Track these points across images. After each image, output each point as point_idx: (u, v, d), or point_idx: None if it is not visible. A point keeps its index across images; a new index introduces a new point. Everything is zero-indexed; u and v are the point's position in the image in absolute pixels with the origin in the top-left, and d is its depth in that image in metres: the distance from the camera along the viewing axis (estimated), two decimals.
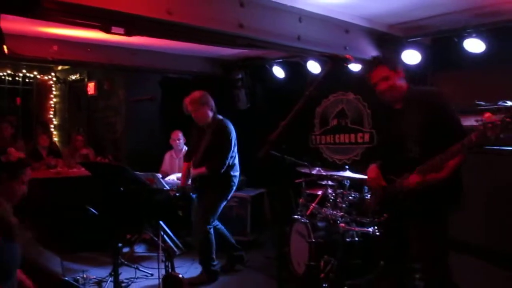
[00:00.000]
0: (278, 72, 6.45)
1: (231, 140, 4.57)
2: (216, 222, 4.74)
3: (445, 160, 2.60)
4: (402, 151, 2.88)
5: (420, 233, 2.81)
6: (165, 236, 5.34)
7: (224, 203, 4.68)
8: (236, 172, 4.70)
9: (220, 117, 4.68)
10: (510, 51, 4.17)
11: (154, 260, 4.56)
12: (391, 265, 3.15)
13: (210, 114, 4.56)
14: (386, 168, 3.09)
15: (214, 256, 4.58)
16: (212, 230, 4.54)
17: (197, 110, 4.50)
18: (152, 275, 4.69)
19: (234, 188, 4.72)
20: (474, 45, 4.32)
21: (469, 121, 3.31)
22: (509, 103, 3.28)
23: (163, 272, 3.72)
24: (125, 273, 4.64)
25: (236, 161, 4.72)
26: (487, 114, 2.27)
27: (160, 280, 3.73)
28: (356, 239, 4.36)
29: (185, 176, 4.80)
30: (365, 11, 4.42)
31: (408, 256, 2.98)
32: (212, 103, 4.59)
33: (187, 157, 4.95)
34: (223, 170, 4.51)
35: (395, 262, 3.10)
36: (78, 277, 4.51)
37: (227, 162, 4.51)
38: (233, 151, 4.62)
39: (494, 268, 3.14)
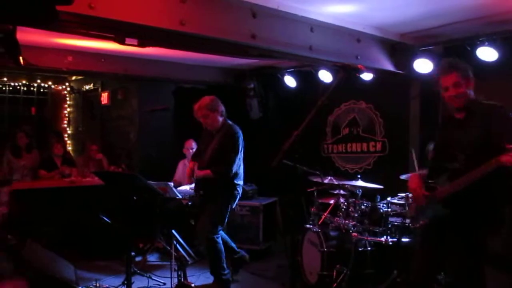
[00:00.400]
0: (290, 81, 6.48)
1: (239, 146, 4.53)
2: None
3: (475, 176, 2.58)
4: (451, 160, 2.84)
5: (457, 245, 2.78)
6: (177, 245, 5.35)
7: (229, 212, 4.63)
8: (240, 181, 4.65)
9: (230, 122, 4.66)
10: None
11: (167, 269, 4.58)
12: (419, 274, 3.07)
13: (220, 119, 4.56)
14: (431, 175, 3.04)
15: (224, 265, 4.54)
16: (219, 239, 4.52)
17: (207, 116, 4.50)
18: (164, 284, 4.70)
19: (239, 197, 4.67)
20: (487, 54, 4.30)
21: None
22: None
23: (175, 281, 3.74)
24: (138, 282, 4.65)
25: (241, 170, 4.67)
26: None
27: None
28: (369, 248, 4.34)
29: (190, 175, 4.75)
30: (377, 20, 4.43)
31: (438, 267, 2.94)
32: (222, 108, 4.58)
33: (194, 156, 4.91)
34: (229, 175, 4.47)
35: (423, 271, 3.03)
36: (91, 286, 4.53)
37: (233, 168, 4.48)
38: (239, 158, 4.57)
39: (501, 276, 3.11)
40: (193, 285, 3.75)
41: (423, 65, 4.75)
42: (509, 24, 4.14)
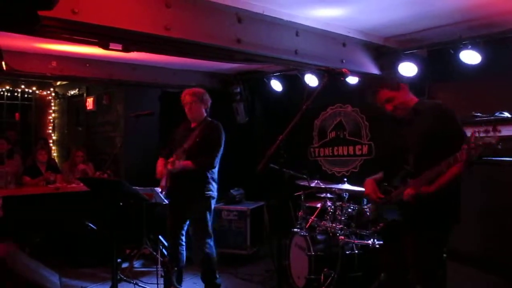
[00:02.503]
0: (276, 85, 6.49)
1: (222, 141, 4.33)
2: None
3: (439, 172, 2.61)
4: (402, 162, 2.88)
5: (415, 242, 2.81)
6: (164, 251, 5.31)
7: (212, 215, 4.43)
8: (215, 183, 4.39)
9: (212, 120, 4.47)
10: (506, 62, 4.21)
11: (154, 275, 4.54)
12: (391, 275, 3.13)
13: (204, 113, 4.42)
14: (386, 178, 3.09)
15: (216, 271, 4.48)
16: (212, 242, 4.44)
17: (195, 103, 4.32)
18: None
19: (216, 196, 4.42)
20: (470, 57, 4.35)
21: (466, 132, 3.35)
22: (505, 114, 3.30)
23: (162, 287, 3.70)
24: None
25: (216, 170, 4.41)
26: (472, 136, 2.32)
27: None
28: (356, 251, 4.36)
29: (168, 176, 4.30)
30: (362, 24, 4.46)
31: (404, 264, 2.97)
32: (209, 104, 4.46)
33: (164, 153, 4.48)
34: (212, 167, 4.27)
35: (394, 272, 3.08)
36: None
37: (216, 163, 4.29)
38: (220, 156, 4.35)
39: (490, 276, 3.14)
40: None
41: (407, 69, 4.79)
42: (492, 27, 4.19)
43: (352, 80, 5.40)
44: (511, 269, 2.98)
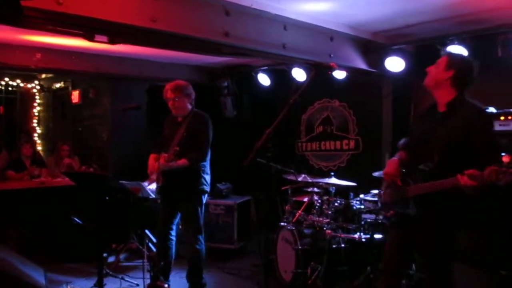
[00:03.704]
0: (264, 79, 6.48)
1: (210, 131, 4.26)
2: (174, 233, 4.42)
3: (436, 188, 2.57)
4: (426, 158, 2.77)
5: (425, 240, 2.77)
6: (150, 245, 5.29)
7: (204, 211, 4.39)
8: (208, 176, 4.35)
9: (198, 110, 4.39)
10: (492, 58, 4.24)
11: (140, 269, 4.51)
12: (390, 263, 3.06)
13: (189, 106, 4.32)
14: (410, 165, 2.93)
15: (203, 268, 4.40)
16: (203, 239, 4.35)
17: (178, 98, 4.21)
18: (137, 285, 4.63)
19: (209, 190, 4.40)
20: (457, 52, 4.37)
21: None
22: (491, 110, 3.32)
23: (148, 281, 3.68)
24: (111, 284, 4.57)
25: (208, 164, 4.36)
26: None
27: None
28: (343, 245, 4.38)
29: (159, 172, 4.19)
30: (350, 19, 4.46)
31: (406, 258, 2.95)
32: (193, 96, 4.35)
33: (156, 148, 4.39)
34: (204, 161, 4.23)
35: (393, 261, 3.03)
36: None
37: (207, 155, 4.24)
38: (210, 146, 4.29)
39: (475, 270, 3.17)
40: (166, 285, 3.69)
41: (395, 64, 4.81)
42: (478, 23, 4.23)
43: (340, 74, 5.40)
44: (496, 263, 3.01)
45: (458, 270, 3.26)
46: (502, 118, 3.09)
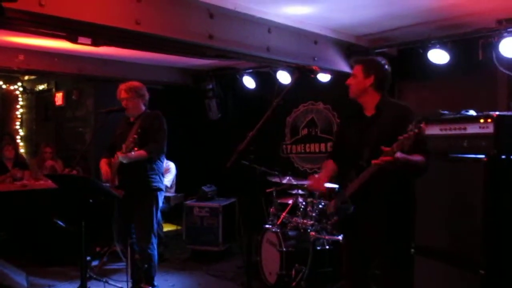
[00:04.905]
0: (249, 82, 6.50)
1: (165, 126, 4.22)
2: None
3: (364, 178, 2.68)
4: (357, 157, 2.82)
5: (369, 232, 2.81)
6: (135, 247, 5.25)
7: (159, 213, 4.36)
8: (162, 176, 4.32)
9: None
10: (473, 62, 4.32)
11: (124, 273, 4.49)
12: (349, 268, 3.10)
13: (143, 107, 4.31)
14: (341, 174, 3.06)
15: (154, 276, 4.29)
16: (156, 244, 4.26)
17: (132, 99, 4.22)
18: None
19: (164, 189, 4.36)
20: (438, 56, 4.46)
21: (433, 130, 3.42)
22: (471, 112, 3.38)
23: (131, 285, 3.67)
24: (94, 287, 4.54)
25: (162, 163, 4.35)
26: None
27: None
28: (327, 247, 4.41)
29: (114, 172, 4.13)
30: (333, 22, 4.50)
31: (366, 261, 2.98)
32: (147, 97, 4.35)
33: (107, 153, 4.32)
34: (162, 152, 4.21)
35: (352, 266, 3.07)
36: None
37: (164, 147, 4.20)
38: (165, 144, 4.25)
39: (456, 270, 3.22)
40: None
41: None
42: (459, 28, 4.30)
43: (324, 77, 5.45)
44: (476, 263, 3.06)
45: (419, 264, 3.35)
46: (481, 121, 3.13)
